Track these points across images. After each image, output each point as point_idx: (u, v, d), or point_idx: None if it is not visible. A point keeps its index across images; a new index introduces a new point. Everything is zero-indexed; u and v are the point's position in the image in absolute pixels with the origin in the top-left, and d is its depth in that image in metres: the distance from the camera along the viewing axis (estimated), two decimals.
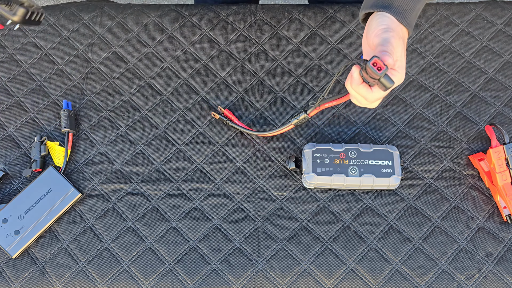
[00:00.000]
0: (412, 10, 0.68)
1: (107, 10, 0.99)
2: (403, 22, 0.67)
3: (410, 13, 0.67)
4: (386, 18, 0.66)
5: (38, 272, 0.78)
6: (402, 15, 0.67)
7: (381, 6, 0.67)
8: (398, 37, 0.65)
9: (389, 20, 0.66)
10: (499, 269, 0.76)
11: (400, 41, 0.65)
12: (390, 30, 0.65)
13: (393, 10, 0.66)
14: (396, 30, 0.66)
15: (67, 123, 0.86)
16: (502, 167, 0.78)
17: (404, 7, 0.67)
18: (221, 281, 0.76)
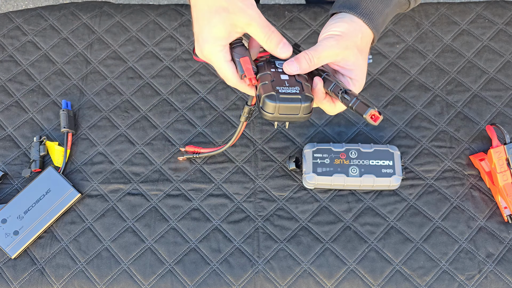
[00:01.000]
0: (380, 14, 0.65)
1: (107, 9, 0.98)
2: (369, 24, 0.64)
3: (378, 17, 0.65)
4: (343, 22, 0.63)
5: (38, 272, 0.78)
6: (368, 17, 0.64)
7: (347, 7, 0.64)
8: (345, 45, 0.61)
9: (346, 25, 0.63)
10: (500, 269, 0.76)
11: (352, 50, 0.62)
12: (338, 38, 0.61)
13: (359, 11, 0.63)
14: (351, 35, 0.62)
15: (66, 123, 0.86)
16: (503, 167, 0.77)
17: (371, 9, 0.64)
18: (221, 281, 0.76)
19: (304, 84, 0.60)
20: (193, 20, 0.63)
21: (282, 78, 0.60)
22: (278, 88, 0.59)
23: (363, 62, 0.64)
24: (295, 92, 0.59)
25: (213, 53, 0.61)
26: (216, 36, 0.60)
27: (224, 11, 0.59)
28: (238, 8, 0.58)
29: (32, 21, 0.97)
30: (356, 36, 0.63)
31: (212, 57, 0.61)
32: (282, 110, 0.58)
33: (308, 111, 0.59)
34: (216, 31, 0.60)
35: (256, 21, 0.59)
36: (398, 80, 0.90)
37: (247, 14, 0.59)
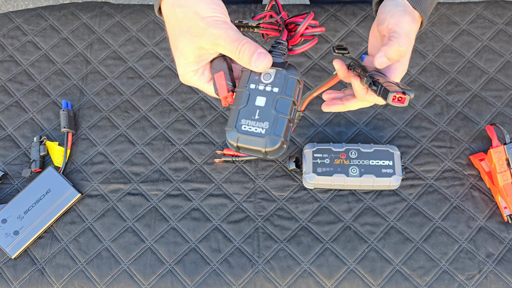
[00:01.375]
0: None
1: (107, 9, 0.98)
2: (417, 7, 0.62)
3: (425, 0, 0.63)
4: (401, 2, 0.62)
5: (38, 272, 0.78)
6: (416, 1, 0.62)
7: None
8: (414, 23, 0.60)
9: (405, 4, 0.62)
10: (500, 269, 0.76)
11: (415, 27, 0.61)
12: (407, 13, 0.60)
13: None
14: (412, 14, 0.61)
15: (66, 123, 0.86)
16: (503, 167, 0.77)
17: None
18: (221, 281, 0.76)
19: (279, 118, 0.51)
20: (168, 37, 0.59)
21: (256, 104, 0.51)
22: (243, 121, 0.51)
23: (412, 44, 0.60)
24: (258, 133, 0.51)
25: (188, 79, 0.57)
26: (186, 62, 0.55)
27: (188, 33, 0.53)
28: (200, 28, 0.52)
29: (32, 21, 0.97)
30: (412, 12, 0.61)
31: (190, 82, 0.58)
32: (243, 149, 0.52)
33: (276, 155, 0.52)
34: (185, 57, 0.55)
35: (221, 38, 0.52)
36: None
37: (210, 34, 0.52)
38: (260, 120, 0.50)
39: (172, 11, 0.54)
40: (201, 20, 0.52)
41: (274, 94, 0.51)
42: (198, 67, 0.56)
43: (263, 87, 0.52)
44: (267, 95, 0.51)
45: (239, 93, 0.52)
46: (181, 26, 0.54)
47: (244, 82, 0.52)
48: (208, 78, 0.56)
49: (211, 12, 0.52)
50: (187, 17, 0.53)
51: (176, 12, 0.54)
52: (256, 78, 0.52)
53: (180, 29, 0.54)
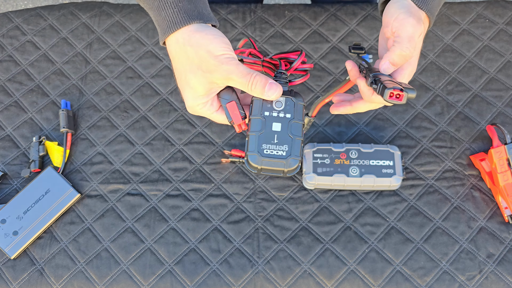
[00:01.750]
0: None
1: (106, 9, 0.98)
2: (423, 7, 0.62)
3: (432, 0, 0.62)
4: (406, 3, 0.61)
5: (37, 273, 0.78)
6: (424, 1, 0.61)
7: None
8: (419, 24, 0.60)
9: (409, 5, 0.61)
10: (500, 269, 0.76)
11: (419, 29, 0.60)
12: (411, 15, 0.60)
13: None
14: (417, 15, 0.61)
15: (65, 123, 0.86)
16: (504, 167, 0.77)
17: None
18: (221, 282, 0.76)
19: (295, 140, 0.57)
20: (174, 71, 0.62)
21: (273, 130, 0.57)
22: (264, 146, 0.56)
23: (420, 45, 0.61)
24: (280, 155, 0.56)
25: (198, 111, 0.61)
26: (196, 95, 0.59)
27: (199, 69, 0.57)
28: (211, 66, 0.56)
29: (31, 21, 0.97)
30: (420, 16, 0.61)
31: (199, 112, 0.61)
32: (265, 170, 0.57)
33: (293, 173, 0.57)
34: (195, 91, 0.58)
35: (233, 74, 0.56)
36: None
37: (222, 70, 0.56)
38: (279, 143, 0.56)
39: (183, 49, 0.58)
40: (213, 58, 0.56)
41: (287, 120, 0.57)
42: (207, 100, 0.59)
43: (276, 114, 0.57)
44: (282, 121, 0.57)
45: (255, 120, 0.57)
46: (191, 63, 0.57)
47: (258, 110, 0.57)
48: (216, 107, 0.60)
49: (222, 51, 0.56)
50: (198, 55, 0.57)
51: (187, 50, 0.57)
52: (269, 106, 0.57)
53: (191, 66, 0.57)
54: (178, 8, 0.59)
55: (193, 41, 0.57)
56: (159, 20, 0.60)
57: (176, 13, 0.59)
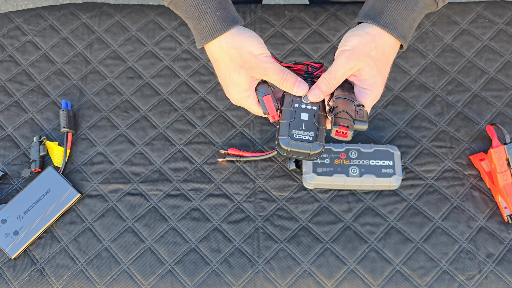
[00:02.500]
0: (405, 20, 0.65)
1: (106, 9, 0.98)
2: (393, 33, 0.65)
3: (403, 23, 0.65)
4: (355, 36, 0.65)
5: (37, 272, 0.78)
6: (392, 26, 0.65)
7: (370, 16, 0.66)
8: (357, 58, 0.64)
9: (358, 38, 0.64)
10: (500, 269, 0.76)
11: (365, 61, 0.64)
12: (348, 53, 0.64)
13: (381, 22, 0.65)
14: (363, 47, 0.64)
15: (66, 123, 0.86)
16: (503, 167, 0.77)
17: (395, 17, 0.65)
18: (221, 282, 0.76)
19: (320, 128, 0.66)
20: (216, 73, 0.71)
21: (301, 118, 0.66)
22: (294, 131, 0.65)
23: (377, 72, 0.65)
24: (307, 140, 0.65)
25: (242, 102, 0.70)
26: (240, 89, 0.68)
27: (242, 68, 0.66)
28: (253, 64, 0.66)
29: (32, 21, 0.97)
30: (368, 46, 0.64)
31: (242, 104, 0.71)
32: (293, 153, 0.66)
33: (317, 156, 0.67)
34: (240, 86, 0.68)
35: (270, 71, 0.66)
36: (398, 80, 0.90)
37: (261, 67, 0.66)
38: (307, 130, 0.66)
39: (227, 52, 0.67)
40: (254, 57, 0.66)
41: (314, 111, 0.67)
42: (249, 93, 0.69)
43: (304, 106, 0.67)
44: (309, 112, 0.67)
45: (287, 110, 0.67)
46: (235, 63, 0.67)
47: (289, 102, 0.67)
48: (256, 101, 0.70)
49: (260, 51, 0.66)
50: (241, 55, 0.66)
51: (231, 53, 0.67)
52: (298, 99, 0.67)
53: (235, 65, 0.67)
54: (217, 17, 0.66)
55: (236, 44, 0.66)
56: (199, 29, 0.68)
57: (216, 22, 0.66)
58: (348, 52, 0.64)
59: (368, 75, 0.65)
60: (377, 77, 0.65)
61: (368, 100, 0.66)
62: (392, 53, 0.67)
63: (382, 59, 0.66)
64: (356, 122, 0.63)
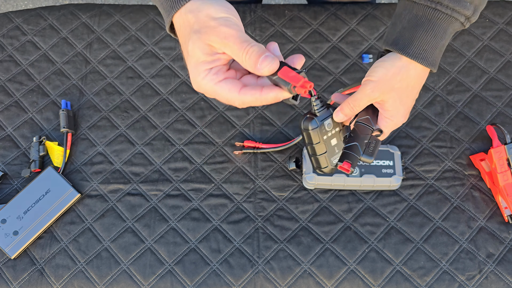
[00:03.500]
0: (435, 48, 0.64)
1: (106, 9, 0.98)
2: (423, 62, 0.63)
3: (432, 51, 0.64)
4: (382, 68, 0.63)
5: (37, 272, 0.78)
6: (421, 55, 0.63)
7: (399, 46, 0.63)
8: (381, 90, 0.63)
9: (383, 71, 0.63)
10: (500, 269, 0.76)
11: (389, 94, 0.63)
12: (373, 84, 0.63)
13: (410, 52, 0.63)
14: (388, 80, 0.63)
15: (66, 123, 0.86)
16: (504, 167, 0.77)
17: (425, 47, 0.63)
18: (221, 282, 0.76)
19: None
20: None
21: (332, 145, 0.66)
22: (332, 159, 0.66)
23: (400, 104, 0.65)
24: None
25: (200, 81, 0.55)
26: (196, 62, 0.54)
27: (196, 33, 0.53)
28: (209, 27, 0.53)
29: (31, 21, 0.97)
30: (393, 79, 0.63)
31: (202, 84, 0.55)
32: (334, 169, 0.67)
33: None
34: (195, 57, 0.54)
35: (231, 37, 0.52)
36: None
37: (220, 32, 0.52)
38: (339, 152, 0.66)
39: (185, 18, 0.55)
40: (212, 20, 0.53)
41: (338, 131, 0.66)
42: (210, 66, 0.54)
43: (330, 133, 0.65)
44: (335, 136, 0.66)
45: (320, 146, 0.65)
46: (191, 29, 0.54)
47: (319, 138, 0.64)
48: (220, 77, 0.54)
49: (223, 13, 0.53)
50: (198, 19, 0.53)
51: (188, 18, 0.54)
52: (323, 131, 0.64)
53: (190, 31, 0.54)
54: None
55: (194, 7, 0.54)
56: (163, 2, 0.57)
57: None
58: (373, 84, 0.63)
59: (390, 107, 0.65)
60: (399, 108, 0.65)
61: (388, 127, 0.67)
62: (419, 82, 0.66)
63: (407, 91, 0.65)
64: (363, 155, 0.64)
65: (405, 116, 0.67)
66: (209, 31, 0.53)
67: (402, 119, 0.67)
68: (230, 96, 0.54)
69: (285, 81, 0.53)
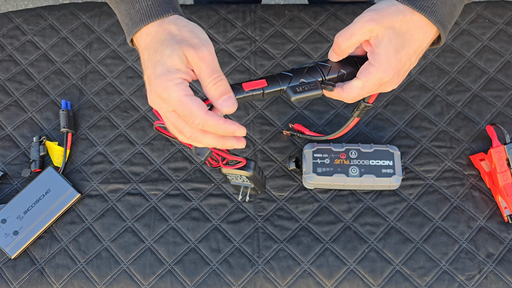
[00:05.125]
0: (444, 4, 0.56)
1: (106, 9, 0.98)
2: (431, 18, 0.55)
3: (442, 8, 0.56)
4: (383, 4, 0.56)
5: (37, 272, 0.78)
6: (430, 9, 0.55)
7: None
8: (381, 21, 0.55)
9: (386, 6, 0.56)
10: (500, 269, 0.76)
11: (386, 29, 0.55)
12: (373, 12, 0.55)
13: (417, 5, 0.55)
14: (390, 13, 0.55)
15: (66, 123, 0.86)
16: (503, 167, 0.77)
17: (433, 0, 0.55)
18: (220, 282, 0.76)
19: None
20: (143, 66, 0.57)
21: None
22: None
23: (394, 51, 0.55)
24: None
25: (172, 86, 0.52)
26: (172, 67, 0.53)
27: (178, 42, 0.54)
28: (191, 43, 0.54)
29: (31, 20, 0.97)
30: (395, 16, 0.55)
31: (171, 92, 0.52)
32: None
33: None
34: (172, 62, 0.53)
35: (206, 62, 0.54)
36: None
37: (199, 50, 0.54)
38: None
39: (165, 27, 0.55)
40: (195, 37, 0.55)
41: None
42: (184, 77, 0.54)
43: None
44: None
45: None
46: (172, 37, 0.54)
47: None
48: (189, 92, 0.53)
49: (206, 37, 0.56)
50: (181, 32, 0.54)
51: (169, 27, 0.55)
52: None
53: (171, 39, 0.54)
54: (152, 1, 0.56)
55: (178, 21, 0.55)
56: (132, 14, 0.56)
57: (151, 5, 0.56)
58: (373, 12, 0.55)
59: (383, 48, 0.55)
60: (390, 56, 0.55)
61: (370, 78, 0.57)
62: (421, 37, 0.56)
63: (405, 39, 0.56)
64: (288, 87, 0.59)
65: (393, 71, 0.56)
66: (189, 45, 0.54)
67: (389, 73, 0.56)
68: (196, 113, 0.53)
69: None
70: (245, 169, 0.66)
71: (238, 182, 0.71)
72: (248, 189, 0.72)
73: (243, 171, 0.66)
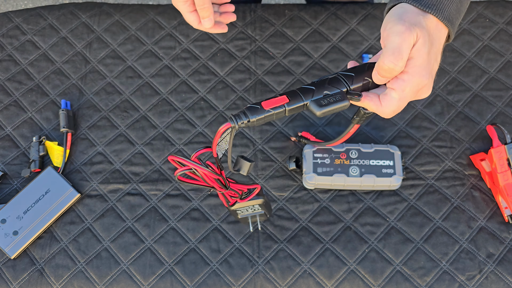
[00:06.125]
0: (450, 1, 0.55)
1: (106, 8, 0.98)
2: (438, 15, 0.54)
3: (448, 5, 0.54)
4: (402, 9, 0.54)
5: (37, 272, 0.78)
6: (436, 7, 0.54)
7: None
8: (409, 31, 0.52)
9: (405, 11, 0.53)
10: (500, 269, 0.76)
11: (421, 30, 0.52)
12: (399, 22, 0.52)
13: (422, 3, 0.54)
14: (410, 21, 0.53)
15: (65, 123, 0.86)
16: (504, 167, 0.77)
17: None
18: (220, 282, 0.76)
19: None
20: None
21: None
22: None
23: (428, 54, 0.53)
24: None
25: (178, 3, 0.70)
26: None
27: None
28: None
29: (31, 20, 0.97)
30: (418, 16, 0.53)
31: (178, 5, 0.70)
32: None
33: None
34: None
35: None
36: None
37: None
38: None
39: None
40: None
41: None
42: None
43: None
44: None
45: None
46: None
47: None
48: (191, 9, 0.70)
49: None
50: None
51: None
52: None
53: None
54: None
55: None
56: None
57: None
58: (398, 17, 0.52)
59: (418, 52, 0.52)
60: (424, 57, 0.52)
61: (406, 87, 0.53)
62: (439, 36, 0.54)
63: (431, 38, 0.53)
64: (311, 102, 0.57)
65: (428, 73, 0.53)
66: None
67: (425, 77, 0.53)
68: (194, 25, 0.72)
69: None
70: (256, 198, 0.67)
71: (247, 214, 0.71)
72: (257, 217, 0.72)
73: (254, 200, 0.67)
